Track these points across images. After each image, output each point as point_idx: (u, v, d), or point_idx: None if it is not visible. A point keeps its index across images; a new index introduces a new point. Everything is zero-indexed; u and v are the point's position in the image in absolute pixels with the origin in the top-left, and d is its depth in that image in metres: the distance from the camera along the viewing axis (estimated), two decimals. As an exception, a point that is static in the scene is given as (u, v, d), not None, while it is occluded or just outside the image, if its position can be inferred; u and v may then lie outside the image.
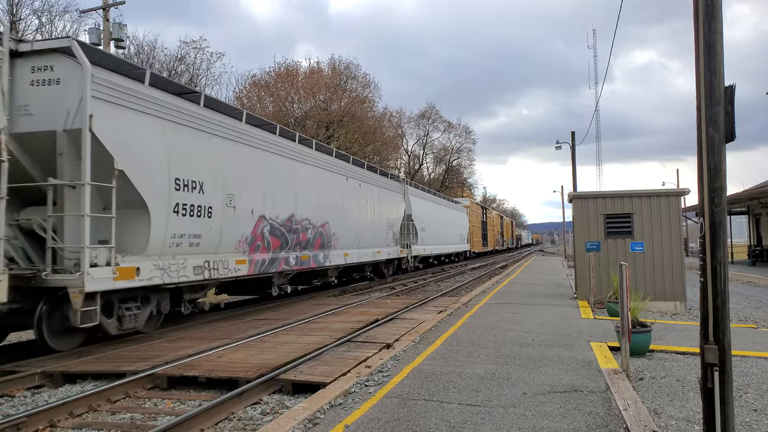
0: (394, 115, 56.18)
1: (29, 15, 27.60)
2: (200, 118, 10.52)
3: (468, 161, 70.37)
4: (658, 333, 8.71)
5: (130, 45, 29.31)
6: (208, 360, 7.38)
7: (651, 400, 5.51)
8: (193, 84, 31.66)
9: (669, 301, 12.50)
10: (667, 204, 12.78)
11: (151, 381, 6.73)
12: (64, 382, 7.01)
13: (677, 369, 6.80)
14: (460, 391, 5.62)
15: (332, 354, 7.73)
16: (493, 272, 28.81)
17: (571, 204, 14.10)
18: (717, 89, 3.61)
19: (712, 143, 3.63)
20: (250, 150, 12.19)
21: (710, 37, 3.62)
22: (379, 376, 6.26)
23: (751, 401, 5.50)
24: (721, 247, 3.63)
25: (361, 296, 16.33)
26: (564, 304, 12.80)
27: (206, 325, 10.90)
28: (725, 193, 3.69)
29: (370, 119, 45.88)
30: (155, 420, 5.53)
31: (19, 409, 5.97)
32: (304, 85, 39.62)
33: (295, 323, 10.56)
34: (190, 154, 10.08)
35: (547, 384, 5.88)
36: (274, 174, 13.16)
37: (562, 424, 4.66)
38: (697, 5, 3.68)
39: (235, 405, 5.78)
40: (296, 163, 14.34)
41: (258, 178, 12.39)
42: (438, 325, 9.75)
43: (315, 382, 6.23)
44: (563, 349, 7.64)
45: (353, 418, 4.85)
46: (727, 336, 3.61)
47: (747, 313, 13.03)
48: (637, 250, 12.80)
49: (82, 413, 5.77)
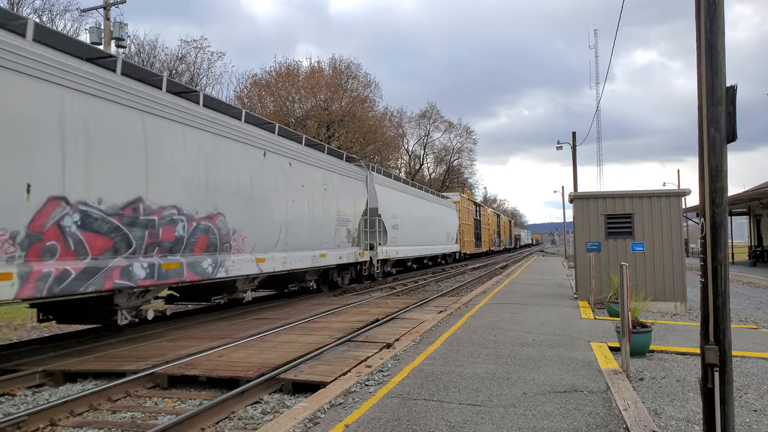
0: (394, 115, 56.24)
1: (30, 14, 27.62)
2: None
3: (469, 161, 70.45)
4: (659, 333, 8.71)
5: (131, 44, 29.35)
6: (209, 359, 7.39)
7: (651, 400, 5.51)
8: (194, 83, 31.65)
9: (669, 301, 12.49)
10: (668, 204, 12.77)
11: (151, 380, 6.73)
12: (65, 381, 7.02)
13: (677, 369, 6.80)
14: (460, 391, 5.62)
15: (333, 353, 7.74)
16: (494, 272, 28.81)
17: (571, 204, 14.10)
18: (719, 89, 3.61)
19: (713, 144, 3.63)
20: (25, 82, 7.14)
21: (712, 37, 3.61)
22: (380, 376, 6.27)
23: (751, 402, 5.50)
24: (721, 247, 3.62)
25: (362, 296, 16.33)
26: (564, 305, 12.80)
27: (207, 324, 10.91)
28: (726, 194, 3.68)
29: (371, 119, 45.88)
30: (156, 419, 5.54)
31: (20, 407, 5.98)
32: (304, 84, 39.65)
33: (296, 323, 10.57)
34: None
35: (547, 384, 5.88)
36: (88, 127, 8.03)
37: (562, 424, 4.66)
38: (699, 5, 3.68)
39: (235, 404, 5.78)
40: (153, 118, 9.33)
41: (44, 130, 7.39)
42: (438, 325, 9.75)
43: (315, 382, 6.23)
44: (563, 349, 7.64)
45: (353, 418, 4.85)
46: (727, 336, 3.61)
47: (747, 314, 13.02)
48: (637, 251, 12.80)
49: (83, 412, 5.78)
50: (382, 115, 50.66)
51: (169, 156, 9.70)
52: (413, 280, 23.11)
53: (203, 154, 10.64)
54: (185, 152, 10.16)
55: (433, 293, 17.36)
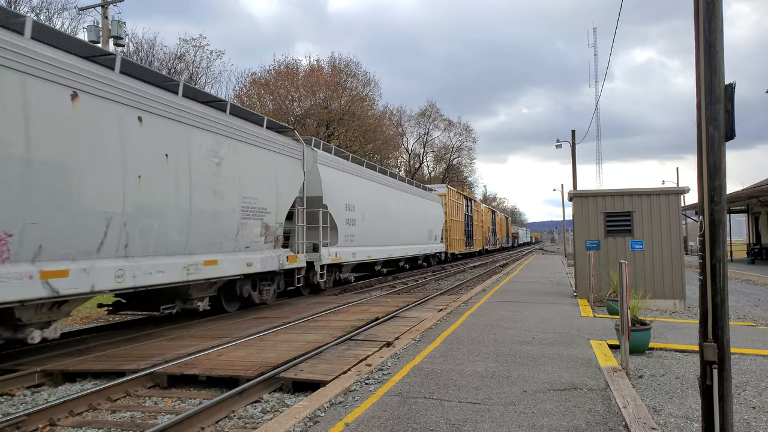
0: (394, 114, 56.23)
1: (27, 12, 27.59)
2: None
3: (468, 160, 70.47)
4: (658, 331, 8.72)
5: (129, 43, 29.31)
6: (209, 358, 7.39)
7: (650, 397, 5.52)
8: (193, 82, 31.62)
9: (668, 299, 12.50)
10: (667, 202, 12.78)
11: (151, 379, 6.73)
12: (64, 381, 7.02)
13: (676, 367, 6.81)
14: (460, 389, 5.63)
15: (332, 352, 7.74)
16: (493, 271, 28.87)
17: (571, 202, 14.11)
18: (717, 87, 3.61)
19: (712, 141, 3.63)
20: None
21: (710, 35, 3.61)
22: (380, 375, 6.27)
23: (750, 398, 5.51)
24: (720, 245, 3.63)
25: (362, 295, 16.33)
26: (564, 303, 12.82)
27: (206, 323, 10.90)
28: (725, 192, 3.69)
29: (371, 117, 45.87)
30: (155, 418, 5.54)
31: (19, 407, 5.98)
32: (304, 83, 39.63)
33: (296, 321, 10.57)
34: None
35: (546, 382, 5.89)
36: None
37: (562, 421, 4.67)
38: (698, 3, 3.68)
39: (235, 403, 5.78)
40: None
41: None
42: (438, 324, 9.76)
43: (315, 381, 6.24)
44: (563, 347, 7.65)
45: (354, 416, 4.85)
46: (726, 334, 3.62)
47: (746, 311, 13.04)
48: (636, 249, 12.81)
49: (82, 412, 5.78)
50: (381, 114, 50.72)
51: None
52: (413, 278, 23.12)
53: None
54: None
55: (432, 292, 17.38)
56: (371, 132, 44.39)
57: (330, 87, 40.73)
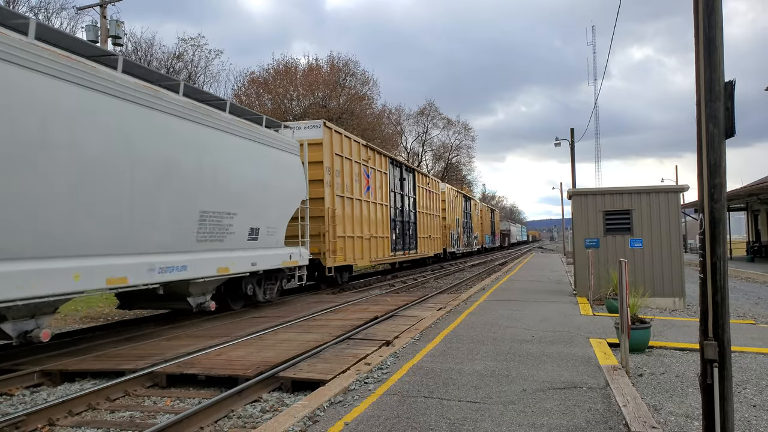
0: (393, 112, 56.22)
1: (26, 12, 27.52)
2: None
3: (467, 158, 70.46)
4: (658, 329, 8.71)
5: (128, 42, 29.24)
6: (208, 358, 7.38)
7: (650, 396, 5.51)
8: (192, 81, 31.57)
9: (668, 297, 12.50)
10: (666, 200, 12.78)
11: (150, 379, 6.72)
12: (63, 381, 7.00)
13: (676, 365, 6.80)
14: (459, 388, 5.61)
15: (332, 351, 7.73)
16: (493, 269, 28.88)
17: (570, 201, 14.10)
18: (717, 85, 3.59)
19: (711, 139, 3.61)
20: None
21: (710, 32, 3.59)
22: (379, 374, 6.26)
23: (750, 397, 5.50)
24: (720, 243, 3.61)
25: (361, 293, 16.32)
26: (563, 301, 12.81)
27: (205, 323, 10.89)
28: (725, 189, 3.67)
29: (369, 116, 45.82)
30: (155, 418, 5.53)
31: (18, 407, 5.96)
32: (302, 82, 39.57)
33: (295, 321, 10.55)
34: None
35: (546, 381, 5.88)
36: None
37: (562, 420, 4.66)
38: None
39: (234, 403, 5.77)
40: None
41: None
42: (437, 323, 9.74)
43: (314, 380, 6.22)
44: (562, 346, 7.64)
45: (353, 416, 4.84)
46: (726, 332, 3.60)
47: (746, 309, 13.04)
48: (636, 247, 12.81)
49: (81, 412, 5.77)
50: (380, 113, 50.66)
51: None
52: (412, 277, 23.09)
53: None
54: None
55: (432, 290, 17.36)
56: (370, 131, 44.30)
57: (329, 86, 40.69)
